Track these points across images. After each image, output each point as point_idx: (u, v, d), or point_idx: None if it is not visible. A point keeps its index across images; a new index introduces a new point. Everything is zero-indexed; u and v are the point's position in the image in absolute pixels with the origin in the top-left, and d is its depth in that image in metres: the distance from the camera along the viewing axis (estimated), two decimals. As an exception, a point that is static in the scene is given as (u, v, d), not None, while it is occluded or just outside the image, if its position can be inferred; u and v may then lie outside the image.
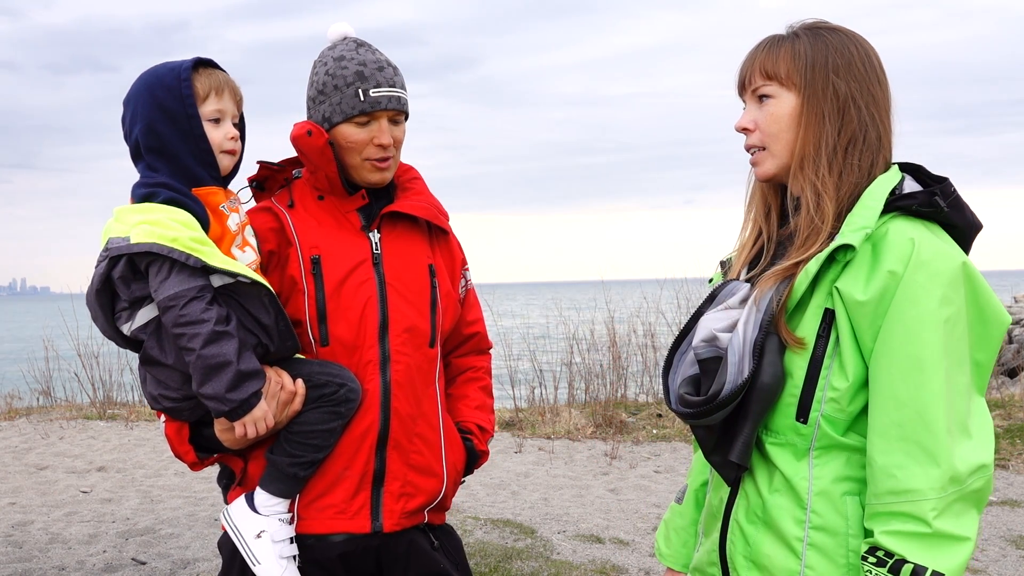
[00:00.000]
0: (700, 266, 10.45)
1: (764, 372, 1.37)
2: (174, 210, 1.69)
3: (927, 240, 1.36)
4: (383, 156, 1.87)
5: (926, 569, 1.28)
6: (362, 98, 1.82)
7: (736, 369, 1.39)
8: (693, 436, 1.79)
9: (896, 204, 1.40)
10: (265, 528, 1.79)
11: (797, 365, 1.39)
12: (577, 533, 5.16)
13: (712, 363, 1.44)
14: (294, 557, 1.81)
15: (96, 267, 1.70)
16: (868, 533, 1.37)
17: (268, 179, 1.97)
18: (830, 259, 1.38)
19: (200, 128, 1.75)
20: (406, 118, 1.91)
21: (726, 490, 1.52)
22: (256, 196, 1.97)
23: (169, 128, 1.73)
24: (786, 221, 1.54)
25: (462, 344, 2.12)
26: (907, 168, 1.49)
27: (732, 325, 1.44)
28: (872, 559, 1.32)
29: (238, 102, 1.83)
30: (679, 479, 6.47)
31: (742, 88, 1.55)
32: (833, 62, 1.45)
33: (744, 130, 1.53)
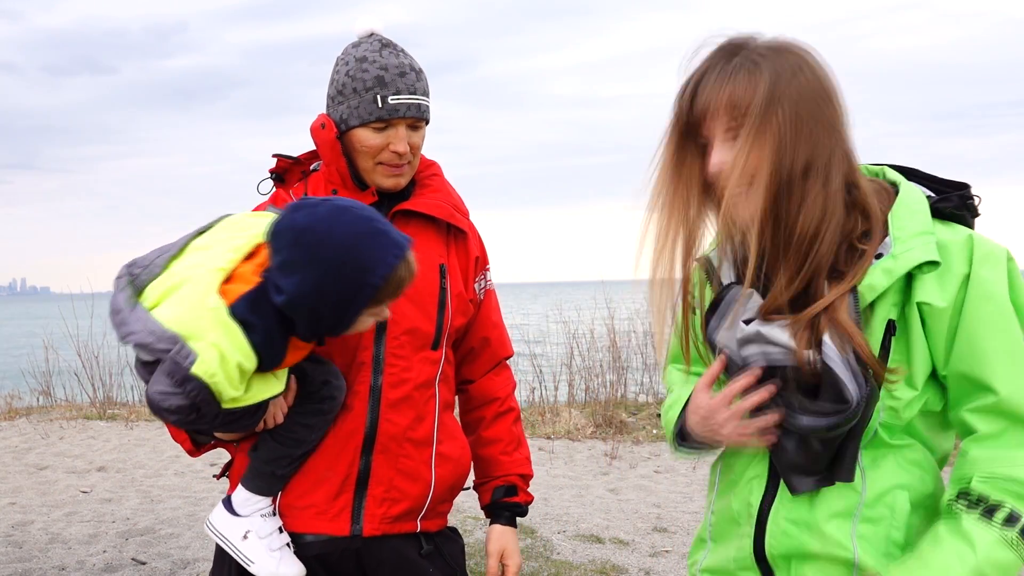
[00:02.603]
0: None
1: (865, 387, 1.35)
2: (249, 356, 1.55)
3: (977, 235, 1.38)
4: (398, 163, 1.84)
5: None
6: (380, 104, 1.79)
7: (852, 384, 1.34)
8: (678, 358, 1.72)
9: (935, 207, 1.40)
10: (249, 528, 1.78)
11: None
12: (577, 533, 5.16)
13: (787, 371, 1.38)
14: (288, 544, 1.80)
15: (149, 343, 1.56)
16: (914, 536, 1.37)
17: (287, 171, 1.94)
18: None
19: (351, 324, 1.62)
20: (426, 123, 1.88)
21: (758, 494, 1.49)
22: (276, 186, 1.95)
23: (321, 313, 1.57)
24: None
25: (477, 355, 2.05)
26: (904, 172, 1.48)
27: (794, 339, 1.38)
28: (964, 501, 1.33)
29: None
30: (679, 479, 6.48)
31: (695, 128, 1.40)
32: (784, 90, 1.35)
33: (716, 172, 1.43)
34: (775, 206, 1.36)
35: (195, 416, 1.55)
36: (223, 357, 1.51)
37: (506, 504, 2.05)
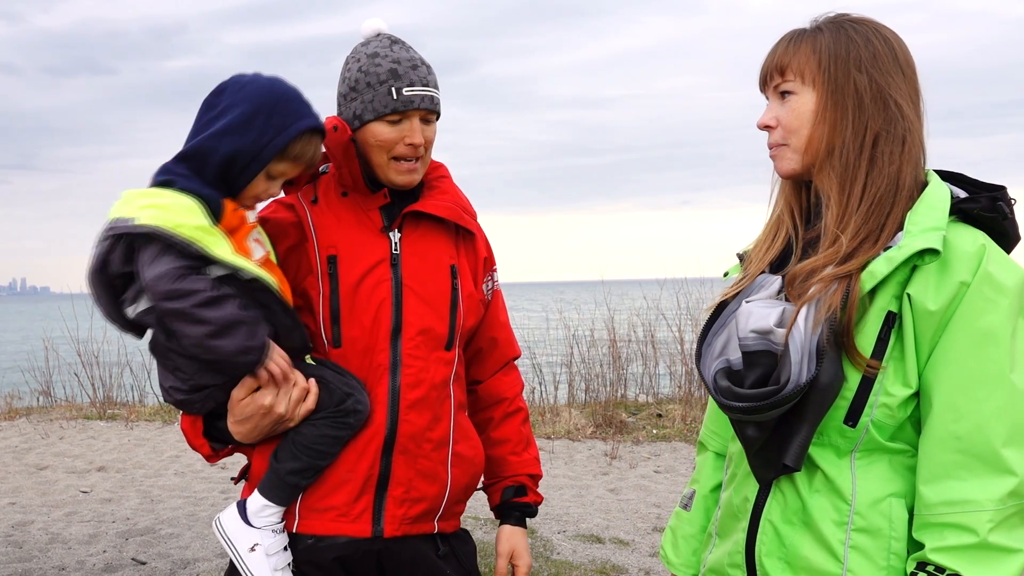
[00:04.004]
0: (699, 266, 10.45)
1: (824, 372, 1.32)
2: (184, 197, 1.63)
3: (994, 249, 1.33)
4: (413, 156, 1.85)
5: None
6: (395, 96, 1.80)
7: (799, 368, 1.32)
8: (703, 440, 1.75)
9: (959, 207, 1.36)
10: (259, 541, 1.77)
11: (853, 368, 1.35)
12: (577, 533, 5.16)
13: (762, 356, 1.38)
14: (289, 564, 1.80)
15: (96, 247, 1.65)
16: (917, 545, 1.34)
17: None
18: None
19: (258, 172, 1.72)
20: (437, 118, 1.89)
21: (753, 489, 1.47)
22: (284, 189, 1.93)
23: (244, 143, 1.69)
24: (810, 222, 1.50)
25: (485, 356, 2.06)
26: (945, 175, 1.45)
27: (781, 319, 1.38)
28: (923, 574, 1.30)
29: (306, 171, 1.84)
30: (679, 479, 6.48)
31: (764, 84, 1.50)
32: (855, 56, 1.41)
33: (766, 127, 1.49)
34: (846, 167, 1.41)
35: (189, 269, 1.60)
36: (160, 206, 1.61)
37: (516, 504, 2.06)
